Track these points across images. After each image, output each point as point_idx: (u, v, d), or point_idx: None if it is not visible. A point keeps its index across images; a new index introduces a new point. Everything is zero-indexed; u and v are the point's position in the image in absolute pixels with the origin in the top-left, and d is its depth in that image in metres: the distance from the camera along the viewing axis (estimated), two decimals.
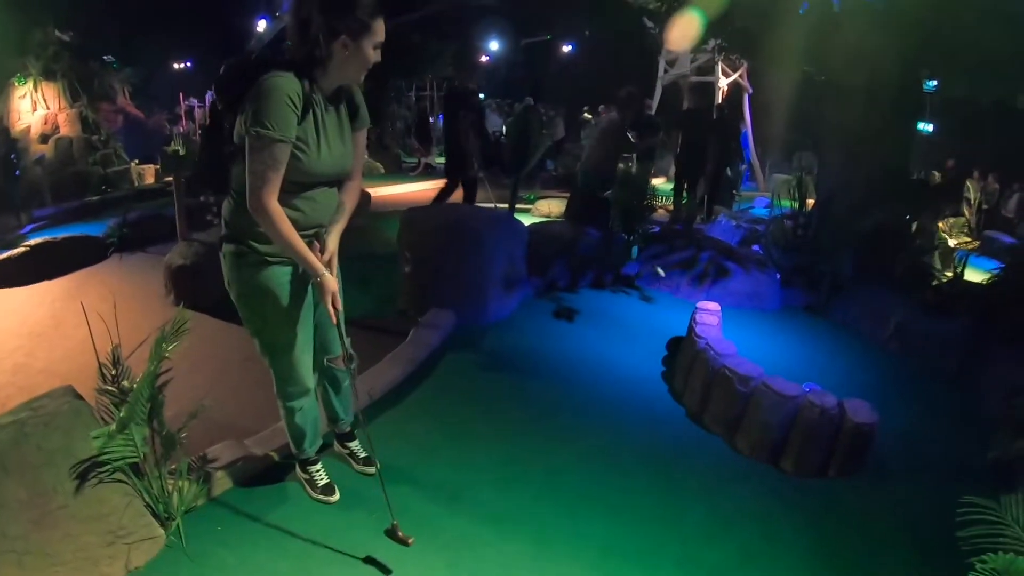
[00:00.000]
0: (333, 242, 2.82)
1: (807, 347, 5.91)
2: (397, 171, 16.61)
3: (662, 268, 6.22)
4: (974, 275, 6.77)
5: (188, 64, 28.60)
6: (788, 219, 7.29)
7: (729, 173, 12.43)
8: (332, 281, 2.70)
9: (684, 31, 8.49)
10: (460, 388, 4.52)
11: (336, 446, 3.55)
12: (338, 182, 2.84)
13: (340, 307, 2.77)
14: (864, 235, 6.68)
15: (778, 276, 6.81)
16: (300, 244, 2.59)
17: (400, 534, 2.95)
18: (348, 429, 3.51)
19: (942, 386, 5.40)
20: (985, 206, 16.10)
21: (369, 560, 2.85)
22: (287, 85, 2.47)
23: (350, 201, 2.92)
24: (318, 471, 3.24)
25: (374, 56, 2.60)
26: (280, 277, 2.74)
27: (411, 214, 5.84)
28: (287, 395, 2.99)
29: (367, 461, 3.47)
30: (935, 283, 6.33)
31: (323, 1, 2.48)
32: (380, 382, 4.25)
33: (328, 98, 2.65)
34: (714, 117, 10.81)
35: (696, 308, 5.21)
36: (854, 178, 6.83)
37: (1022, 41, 6.43)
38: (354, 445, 3.52)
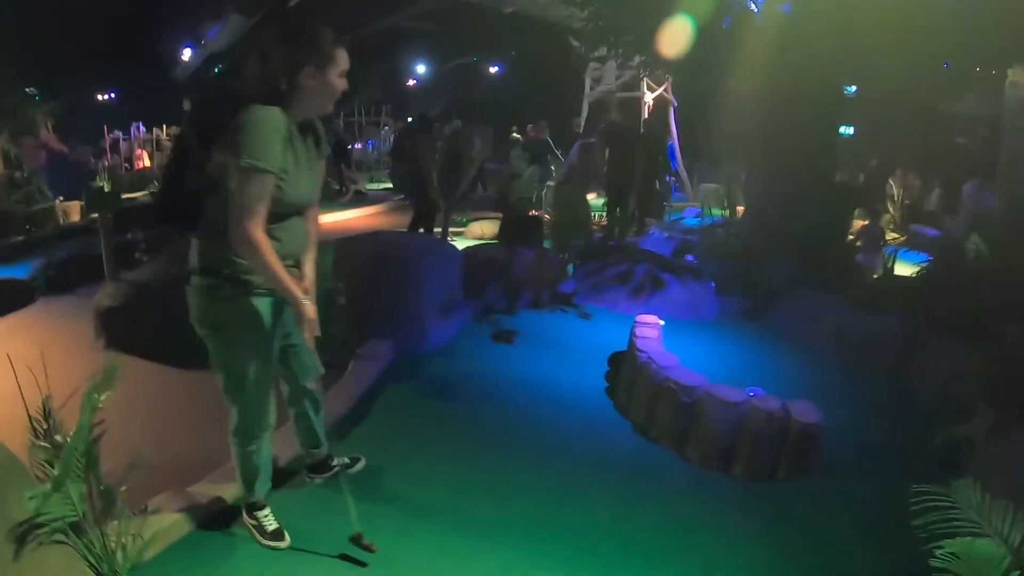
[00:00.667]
0: (310, 269, 2.93)
1: (747, 353, 6.02)
2: (324, 199, 16.19)
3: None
4: (904, 269, 6.99)
5: (112, 95, 27.96)
6: (720, 228, 7.44)
7: (658, 185, 12.70)
8: (312, 308, 2.75)
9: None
10: (403, 419, 4.46)
11: (312, 477, 3.53)
12: (305, 211, 2.87)
13: (319, 332, 2.81)
14: (795, 239, 6.85)
15: (713, 285, 6.93)
16: (285, 273, 2.62)
17: (365, 541, 3.00)
18: (326, 453, 3.51)
19: (882, 380, 5.56)
20: (907, 202, 16.61)
21: (345, 557, 2.95)
22: (273, 117, 2.51)
23: (315, 228, 2.99)
24: (266, 516, 3.13)
25: (340, 84, 2.68)
26: (259, 308, 2.75)
27: (344, 244, 5.79)
28: (249, 435, 2.94)
29: (354, 460, 3.65)
30: (869, 279, 6.52)
31: (284, 35, 2.57)
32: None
33: (299, 129, 2.69)
34: (640, 131, 11.00)
35: (636, 322, 5.26)
36: (782, 185, 7.02)
37: (937, 47, 6.66)
38: (337, 461, 3.57)
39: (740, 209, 8.10)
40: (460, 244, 6.98)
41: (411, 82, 30.49)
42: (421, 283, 5.52)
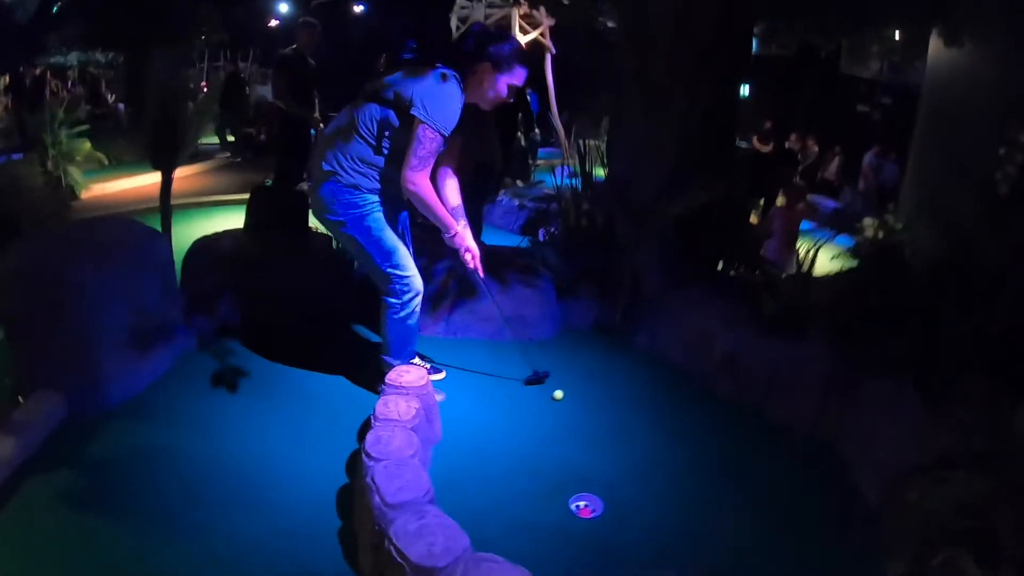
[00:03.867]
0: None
1: (594, 397, 3.84)
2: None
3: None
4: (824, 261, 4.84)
5: None
6: (573, 195, 5.20)
7: (523, 142, 10.85)
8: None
9: None
10: (42, 543, 2.54)
11: None
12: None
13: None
14: (677, 223, 4.63)
15: (552, 288, 4.67)
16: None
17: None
18: None
19: (795, 446, 3.55)
20: (801, 167, 15.08)
21: None
22: (460, 95, 3.16)
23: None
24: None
25: (503, 93, 3.26)
26: None
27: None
28: None
29: None
30: (781, 285, 4.33)
31: (485, 33, 3.28)
32: None
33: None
34: None
35: (384, 385, 3.01)
36: (659, 146, 4.76)
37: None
38: None
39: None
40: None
41: (274, 22, 27.49)
42: (87, 307, 3.29)
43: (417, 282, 3.43)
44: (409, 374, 3.07)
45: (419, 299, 3.47)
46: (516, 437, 3.37)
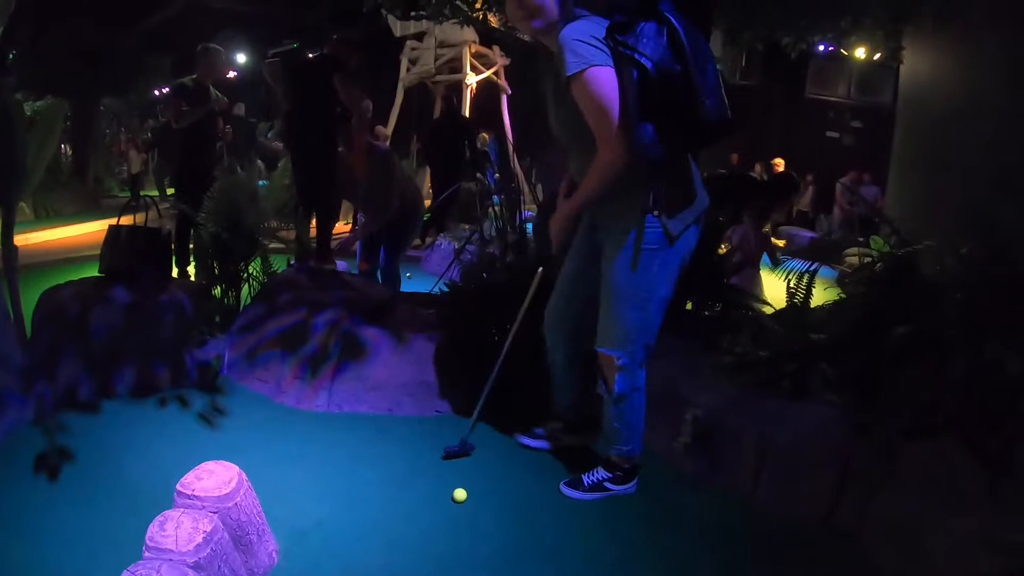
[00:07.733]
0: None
1: (513, 497, 2.77)
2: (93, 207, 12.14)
3: None
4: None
5: None
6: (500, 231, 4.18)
7: (474, 187, 10.15)
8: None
9: None
10: None
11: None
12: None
13: None
14: None
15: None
16: None
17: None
18: None
19: (800, 548, 2.54)
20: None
21: None
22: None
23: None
24: None
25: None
26: None
27: None
28: None
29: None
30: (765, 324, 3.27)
31: None
32: None
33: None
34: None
35: (179, 492, 1.97)
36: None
37: None
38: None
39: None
40: None
41: (232, 74, 26.75)
42: None
43: None
44: (211, 476, 2.00)
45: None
46: (384, 562, 2.29)
